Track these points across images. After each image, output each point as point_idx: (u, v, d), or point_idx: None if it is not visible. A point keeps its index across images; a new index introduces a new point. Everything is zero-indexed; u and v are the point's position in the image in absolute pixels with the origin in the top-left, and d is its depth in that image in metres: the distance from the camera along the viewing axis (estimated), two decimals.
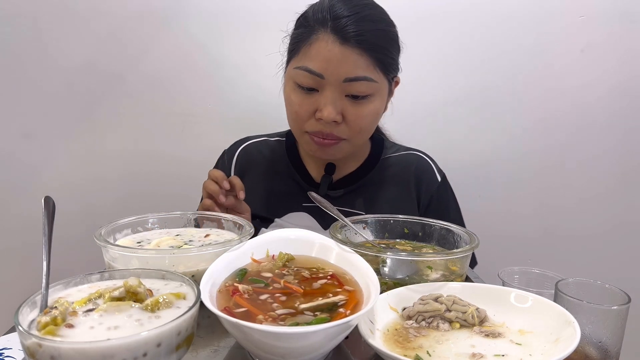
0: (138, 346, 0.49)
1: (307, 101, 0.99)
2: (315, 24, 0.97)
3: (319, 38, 0.96)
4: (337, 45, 0.94)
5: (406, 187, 1.15)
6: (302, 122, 1.01)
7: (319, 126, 1.00)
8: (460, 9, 1.49)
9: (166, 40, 1.48)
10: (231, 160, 1.19)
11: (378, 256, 0.80)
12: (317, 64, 0.95)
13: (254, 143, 1.21)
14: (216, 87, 1.52)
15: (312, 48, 0.96)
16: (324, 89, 0.97)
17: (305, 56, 0.97)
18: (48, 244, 0.64)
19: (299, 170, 1.15)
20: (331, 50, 0.94)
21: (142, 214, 0.94)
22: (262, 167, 1.17)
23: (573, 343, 0.57)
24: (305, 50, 0.97)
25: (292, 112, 1.02)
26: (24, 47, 1.45)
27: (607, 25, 1.49)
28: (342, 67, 0.95)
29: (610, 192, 1.59)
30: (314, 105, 0.99)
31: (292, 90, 1.01)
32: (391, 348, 0.62)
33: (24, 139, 1.51)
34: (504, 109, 1.55)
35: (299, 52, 0.99)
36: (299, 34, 1.00)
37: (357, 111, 0.99)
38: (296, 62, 0.99)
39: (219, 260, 0.71)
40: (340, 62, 0.95)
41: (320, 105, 0.97)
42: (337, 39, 0.94)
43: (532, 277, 0.87)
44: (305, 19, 1.00)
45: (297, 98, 1.00)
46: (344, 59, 0.95)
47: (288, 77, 1.02)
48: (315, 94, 0.98)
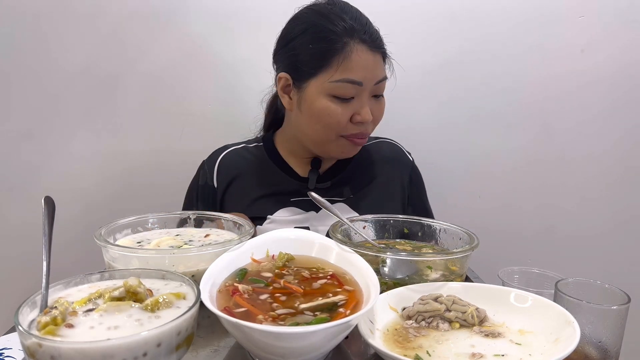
0: (138, 346, 0.49)
1: (346, 110, 1.03)
2: (343, 36, 1.00)
3: (353, 49, 1.00)
4: (370, 54, 1.02)
5: (387, 171, 1.22)
6: (342, 129, 1.05)
7: (358, 128, 1.06)
8: (460, 9, 1.49)
9: (166, 40, 1.48)
10: (212, 170, 1.20)
11: (378, 256, 0.80)
12: (357, 74, 1.01)
13: (235, 150, 1.23)
14: (216, 87, 1.52)
15: (351, 60, 1.00)
16: (360, 95, 1.03)
17: (344, 69, 1.00)
18: (48, 244, 0.64)
19: (283, 169, 1.19)
20: (367, 60, 1.01)
21: (142, 214, 0.94)
22: (247, 171, 1.19)
23: (573, 343, 0.57)
24: (342, 63, 1.00)
25: (332, 122, 1.04)
26: (23, 47, 1.45)
27: (607, 25, 1.49)
28: (374, 73, 1.03)
29: (610, 192, 1.59)
30: (351, 111, 1.04)
31: (329, 102, 1.02)
32: (391, 348, 0.62)
33: (24, 139, 1.50)
34: (504, 109, 1.55)
35: (331, 65, 1.01)
36: (324, 48, 1.01)
37: (379, 107, 1.08)
38: (332, 75, 1.01)
39: (219, 260, 0.71)
40: (373, 68, 1.03)
41: (359, 110, 1.04)
42: (367, 47, 1.01)
43: (531, 277, 0.87)
44: (326, 30, 1.01)
45: (337, 108, 1.03)
46: (375, 64, 1.03)
47: (318, 90, 1.03)
48: (352, 101, 1.03)
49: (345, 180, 1.19)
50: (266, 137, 1.25)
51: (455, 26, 1.50)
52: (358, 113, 1.04)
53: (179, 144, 1.54)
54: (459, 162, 1.58)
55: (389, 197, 1.20)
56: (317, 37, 1.02)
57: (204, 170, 1.22)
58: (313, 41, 1.02)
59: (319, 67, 1.02)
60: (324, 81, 1.02)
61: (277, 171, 1.18)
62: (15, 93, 1.48)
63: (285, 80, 1.08)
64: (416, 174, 1.27)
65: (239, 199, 1.17)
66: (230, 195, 1.18)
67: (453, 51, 1.51)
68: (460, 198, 1.58)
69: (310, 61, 1.03)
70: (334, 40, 1.00)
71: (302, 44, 1.04)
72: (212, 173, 1.20)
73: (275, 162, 1.20)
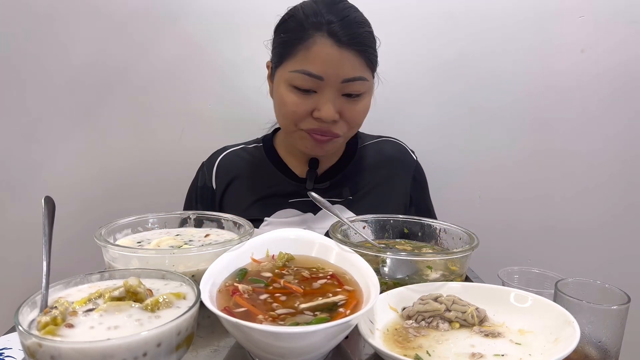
0: (138, 346, 0.49)
1: (304, 102, 1.01)
2: (309, 28, 0.99)
3: (317, 42, 0.98)
4: (335, 49, 0.97)
5: (389, 171, 1.21)
6: (299, 121, 1.04)
7: (316, 124, 1.03)
8: (460, 9, 1.49)
9: (166, 40, 1.48)
10: (211, 171, 1.20)
11: (378, 256, 0.80)
12: (317, 67, 0.98)
13: (233, 151, 1.23)
14: (216, 86, 1.52)
15: (311, 52, 0.98)
16: (322, 90, 1.00)
17: (304, 60, 0.99)
18: (48, 244, 0.64)
19: (281, 170, 1.18)
20: (330, 54, 0.97)
21: (142, 214, 0.94)
22: (245, 172, 1.19)
23: (573, 343, 0.57)
24: (302, 54, 0.99)
25: (287, 112, 1.03)
26: (23, 46, 1.45)
27: (607, 25, 1.49)
28: (340, 69, 0.99)
29: (611, 193, 1.59)
30: (312, 106, 1.01)
31: (287, 91, 1.02)
32: (391, 348, 0.62)
33: (24, 139, 1.51)
34: (503, 109, 1.55)
35: (294, 55, 1.00)
36: (291, 38, 1.01)
37: (352, 108, 1.04)
38: (292, 65, 1.00)
39: (219, 260, 0.71)
40: (338, 64, 0.98)
41: (320, 105, 1.00)
42: (335, 43, 0.97)
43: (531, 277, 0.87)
44: (296, 21, 1.01)
45: (294, 99, 1.01)
46: (342, 61, 0.98)
47: (281, 79, 1.03)
48: (313, 94, 1.01)
49: (344, 180, 1.18)
50: (266, 138, 1.25)
51: (454, 26, 1.50)
52: (318, 109, 1.01)
53: (179, 144, 1.54)
54: (459, 162, 1.58)
55: (389, 199, 1.19)
56: (289, 26, 1.03)
57: (202, 171, 1.22)
58: (285, 30, 1.04)
59: (284, 56, 1.02)
60: (286, 70, 1.02)
61: (275, 172, 1.18)
62: (16, 93, 1.48)
63: (268, 68, 1.11)
64: (420, 174, 1.26)
65: (237, 201, 1.17)
66: (228, 197, 1.18)
67: (452, 51, 1.51)
68: (460, 198, 1.58)
69: (279, 49, 1.05)
70: (299, 31, 1.00)
71: (278, 33, 1.06)
72: (211, 175, 1.20)
73: (273, 162, 1.19)
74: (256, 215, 1.13)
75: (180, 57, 1.49)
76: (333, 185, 1.17)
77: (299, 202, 1.15)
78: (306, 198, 1.11)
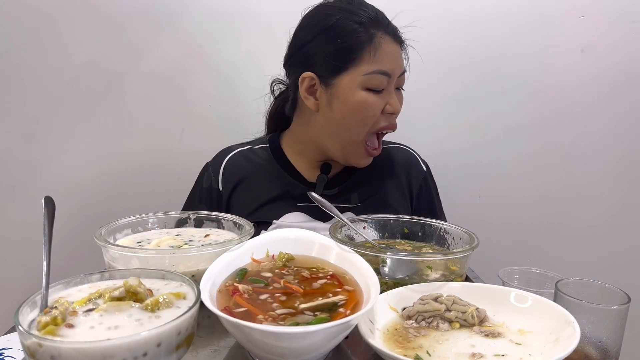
0: (138, 346, 0.49)
1: (380, 101, 1.04)
2: (370, 28, 1.01)
3: (382, 41, 1.02)
4: (396, 45, 1.05)
5: (397, 180, 1.19)
6: (376, 122, 1.06)
7: (388, 120, 1.07)
8: (460, 8, 1.49)
9: (166, 40, 1.48)
10: (218, 173, 1.17)
11: (378, 256, 0.80)
12: (387, 65, 1.02)
13: (240, 152, 1.20)
14: (216, 87, 1.52)
15: (382, 51, 1.01)
16: (388, 86, 1.05)
17: (377, 60, 1.01)
18: (48, 244, 0.64)
19: (290, 173, 1.16)
20: (395, 51, 1.04)
21: (142, 214, 0.94)
22: (252, 174, 1.16)
23: (573, 343, 0.57)
24: (373, 55, 1.01)
25: (368, 115, 1.04)
26: (24, 46, 1.45)
27: (607, 25, 1.49)
28: (400, 64, 1.06)
29: (611, 193, 1.59)
30: (384, 103, 1.05)
31: (366, 96, 1.02)
32: (391, 348, 0.62)
33: (24, 138, 1.51)
34: (503, 109, 1.55)
35: (362, 58, 1.01)
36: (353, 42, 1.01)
37: (401, 100, 1.11)
38: (365, 68, 1.01)
39: (219, 260, 0.71)
40: (399, 59, 1.06)
41: (390, 100, 1.05)
42: (394, 40, 1.04)
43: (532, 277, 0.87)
44: (353, 24, 1.01)
45: (375, 101, 1.03)
46: (400, 55, 1.07)
47: (353, 85, 1.02)
48: (382, 93, 1.04)
49: (353, 186, 1.16)
50: (272, 138, 1.22)
51: (455, 26, 1.50)
52: (389, 104, 1.05)
53: (179, 144, 1.54)
54: (459, 162, 1.58)
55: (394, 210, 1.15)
56: (343, 31, 1.01)
57: (208, 172, 1.19)
58: (340, 36, 1.02)
59: (351, 61, 1.01)
60: (358, 74, 1.01)
61: (284, 175, 1.16)
62: (16, 93, 1.48)
63: (309, 80, 1.06)
64: (427, 184, 1.23)
65: (245, 203, 1.14)
66: (236, 199, 1.15)
67: (452, 51, 1.51)
68: (460, 198, 1.58)
69: (340, 56, 1.02)
70: (361, 33, 1.01)
71: (327, 42, 1.03)
72: (217, 176, 1.17)
73: (281, 165, 1.17)
74: (264, 218, 1.12)
75: (181, 57, 1.49)
76: (342, 191, 1.15)
77: (307, 206, 1.13)
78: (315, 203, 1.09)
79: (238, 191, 1.16)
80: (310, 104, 1.07)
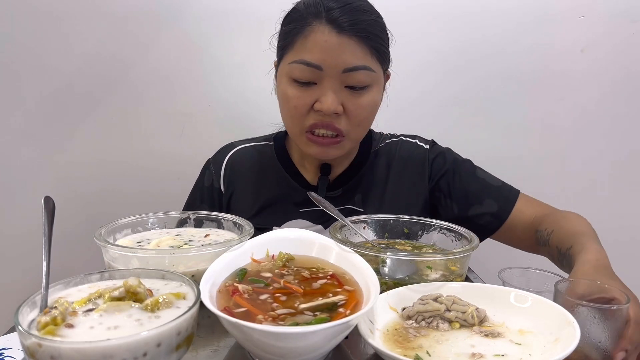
0: (138, 346, 0.49)
1: (305, 94, 0.96)
2: (308, 17, 0.95)
3: (315, 30, 0.93)
4: (333, 36, 0.92)
5: (401, 175, 1.12)
6: (301, 117, 0.97)
7: (318, 118, 0.97)
8: (460, 9, 1.49)
9: (166, 40, 1.48)
10: (219, 171, 1.14)
11: (378, 256, 0.80)
12: (315, 55, 0.93)
13: (242, 149, 1.17)
14: (216, 87, 1.52)
15: (309, 40, 0.94)
16: (322, 81, 0.95)
17: (302, 49, 0.94)
18: (48, 244, 0.64)
19: (293, 176, 1.12)
20: (328, 41, 0.92)
21: (142, 214, 0.94)
22: (253, 175, 1.13)
23: (573, 343, 0.57)
24: (300, 44, 0.95)
25: (289, 107, 0.98)
26: (24, 46, 1.45)
27: (607, 25, 1.49)
28: (340, 57, 0.93)
29: (610, 192, 1.59)
30: (313, 98, 0.96)
31: (287, 85, 0.97)
32: (391, 348, 0.62)
33: (24, 139, 1.51)
34: (503, 109, 1.55)
35: (293, 46, 0.96)
36: (291, 29, 0.97)
37: (356, 102, 0.97)
38: (291, 57, 0.96)
39: (219, 260, 0.71)
40: (338, 52, 0.93)
41: (320, 96, 0.95)
42: (333, 29, 0.92)
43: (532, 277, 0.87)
44: (297, 12, 0.98)
45: (294, 92, 0.96)
46: (342, 48, 0.93)
47: (282, 73, 1.00)
48: (314, 87, 0.96)
49: (357, 188, 1.11)
50: (277, 137, 1.18)
51: (454, 26, 1.50)
52: (319, 100, 0.95)
53: (179, 144, 1.54)
54: None
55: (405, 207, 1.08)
56: (289, 18, 1.00)
57: (209, 170, 1.16)
58: (285, 23, 1.01)
59: (284, 48, 0.99)
60: (285, 63, 0.98)
61: (286, 178, 1.12)
62: (16, 93, 1.48)
63: (275, 69, 1.05)
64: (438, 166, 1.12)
65: (246, 206, 1.12)
66: (236, 200, 1.13)
67: (452, 51, 1.51)
68: None
69: (279, 42, 1.01)
70: (297, 20, 0.97)
71: (281, 27, 1.02)
72: (219, 175, 1.14)
73: (285, 167, 1.13)
74: (265, 224, 1.06)
75: (180, 57, 1.49)
76: (345, 193, 1.11)
77: (310, 212, 1.09)
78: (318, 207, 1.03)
79: (239, 191, 1.13)
80: None
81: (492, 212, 1.09)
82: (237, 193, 1.14)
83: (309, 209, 1.10)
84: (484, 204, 1.09)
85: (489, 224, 1.09)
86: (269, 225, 1.08)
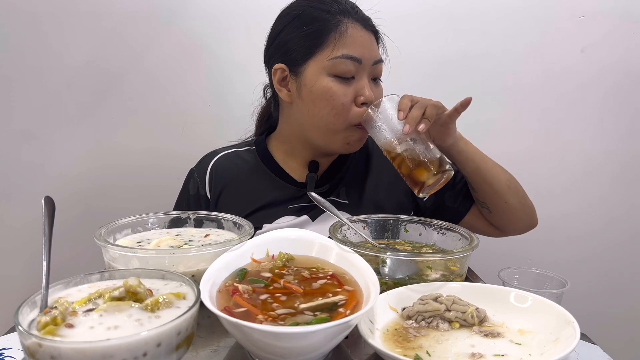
0: (138, 346, 0.49)
1: (348, 90, 0.99)
2: (336, 14, 1.00)
3: (349, 26, 0.99)
4: (364, 31, 1.01)
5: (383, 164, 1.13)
6: (348, 113, 0.99)
7: (361, 112, 1.00)
8: (460, 8, 1.49)
9: (166, 40, 1.48)
10: (204, 178, 1.15)
11: (378, 256, 0.80)
12: (357, 50, 0.99)
13: (225, 155, 1.18)
14: (216, 87, 1.52)
15: (346, 36, 0.98)
16: (359, 74, 1.00)
17: (341, 45, 0.98)
18: (48, 244, 0.64)
19: (279, 175, 1.13)
20: (363, 37, 1.00)
21: (142, 214, 0.94)
22: (240, 178, 1.14)
23: (573, 343, 0.57)
24: (338, 40, 0.98)
25: (335, 105, 0.99)
26: (23, 46, 1.45)
27: (607, 25, 1.49)
28: (372, 51, 1.02)
29: (610, 192, 1.59)
30: (354, 92, 1.00)
31: (331, 82, 0.98)
32: (391, 348, 0.62)
33: (24, 138, 1.51)
34: (503, 109, 1.55)
35: (327, 43, 0.98)
36: (318, 28, 0.99)
37: (378, 92, 1.04)
38: (329, 53, 0.98)
39: (219, 260, 0.71)
40: (371, 46, 1.02)
41: (361, 90, 1.00)
42: (362, 26, 1.01)
43: (531, 277, 0.87)
44: (319, 11, 1.00)
45: (340, 88, 0.98)
46: (372, 43, 1.03)
47: (317, 71, 0.99)
48: (352, 81, 1.00)
49: (343, 182, 1.14)
50: (258, 141, 1.19)
51: (454, 26, 1.50)
52: (361, 94, 0.99)
53: (179, 144, 1.54)
54: None
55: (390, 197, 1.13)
56: (310, 18, 1.00)
57: (193, 179, 1.16)
58: (306, 23, 1.01)
59: (316, 46, 0.99)
60: (323, 60, 0.98)
61: (273, 178, 1.13)
62: (16, 93, 1.48)
63: (281, 72, 1.04)
64: None
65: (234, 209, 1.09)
66: (224, 205, 1.13)
67: (452, 50, 1.51)
68: None
69: (306, 42, 1.00)
70: (328, 19, 0.99)
71: (295, 29, 1.02)
72: (204, 182, 1.15)
73: (270, 168, 1.14)
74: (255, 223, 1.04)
75: (180, 57, 1.49)
76: (332, 188, 1.13)
77: (297, 207, 1.11)
78: (305, 203, 1.08)
79: (225, 196, 1.13)
80: (284, 96, 1.06)
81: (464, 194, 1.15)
82: (224, 198, 1.14)
83: (296, 205, 1.11)
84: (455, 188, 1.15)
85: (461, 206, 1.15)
86: (259, 224, 1.08)
